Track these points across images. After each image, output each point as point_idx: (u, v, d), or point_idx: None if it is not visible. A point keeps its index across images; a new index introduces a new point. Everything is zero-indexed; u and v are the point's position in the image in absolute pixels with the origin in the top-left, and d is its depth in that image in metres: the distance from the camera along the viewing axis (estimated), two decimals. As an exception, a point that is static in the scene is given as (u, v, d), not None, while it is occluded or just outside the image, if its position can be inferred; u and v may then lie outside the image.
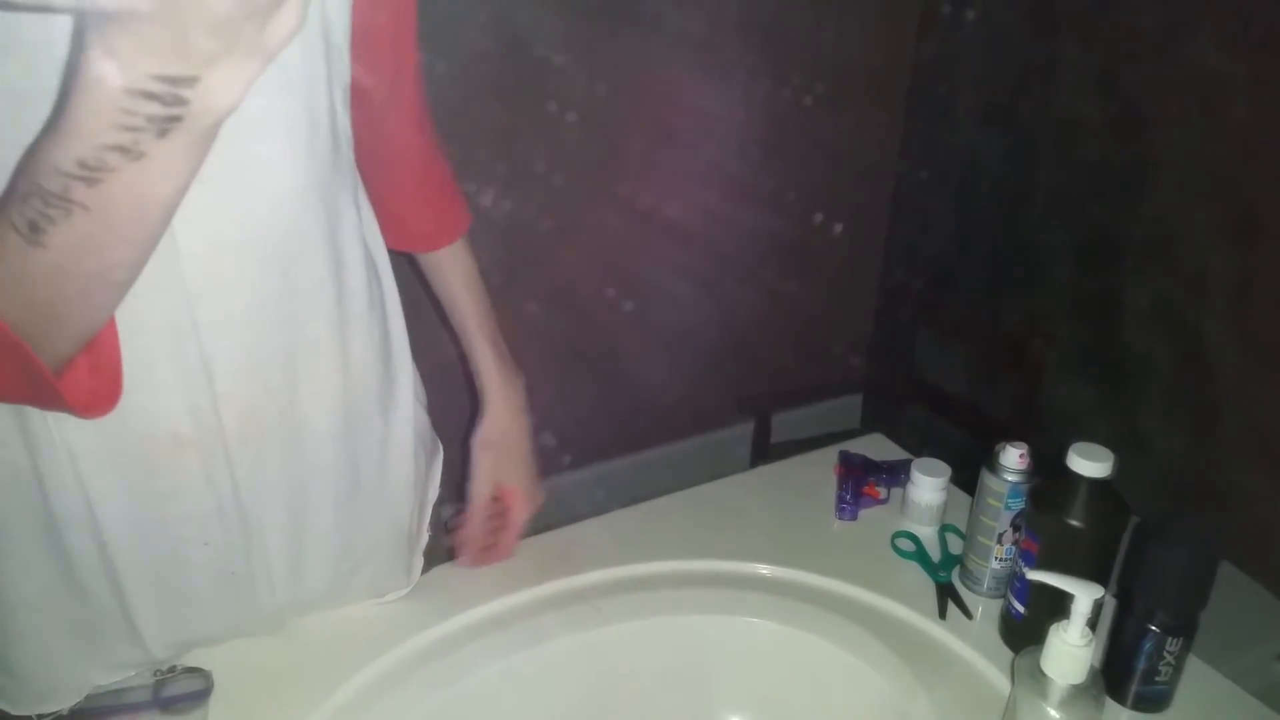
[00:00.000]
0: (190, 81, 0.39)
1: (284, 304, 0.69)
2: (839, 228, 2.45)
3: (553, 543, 0.94)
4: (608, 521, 0.97)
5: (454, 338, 0.94)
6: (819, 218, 2.42)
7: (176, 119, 0.40)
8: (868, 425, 2.61)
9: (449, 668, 0.80)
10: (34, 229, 0.43)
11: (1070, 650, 0.63)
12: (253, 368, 0.69)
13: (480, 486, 0.92)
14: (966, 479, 0.92)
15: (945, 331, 2.29)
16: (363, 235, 0.74)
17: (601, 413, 2.32)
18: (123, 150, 0.41)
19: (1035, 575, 0.68)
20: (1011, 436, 0.86)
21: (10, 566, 0.70)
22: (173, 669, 0.77)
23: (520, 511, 0.93)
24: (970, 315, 2.34)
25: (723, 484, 1.05)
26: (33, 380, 0.50)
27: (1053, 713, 0.64)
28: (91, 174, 0.41)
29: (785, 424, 2.17)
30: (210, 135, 0.43)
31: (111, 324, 0.55)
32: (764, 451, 2.06)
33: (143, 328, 0.61)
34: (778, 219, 2.38)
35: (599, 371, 2.27)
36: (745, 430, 2.11)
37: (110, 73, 0.39)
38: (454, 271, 0.92)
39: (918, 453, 1.04)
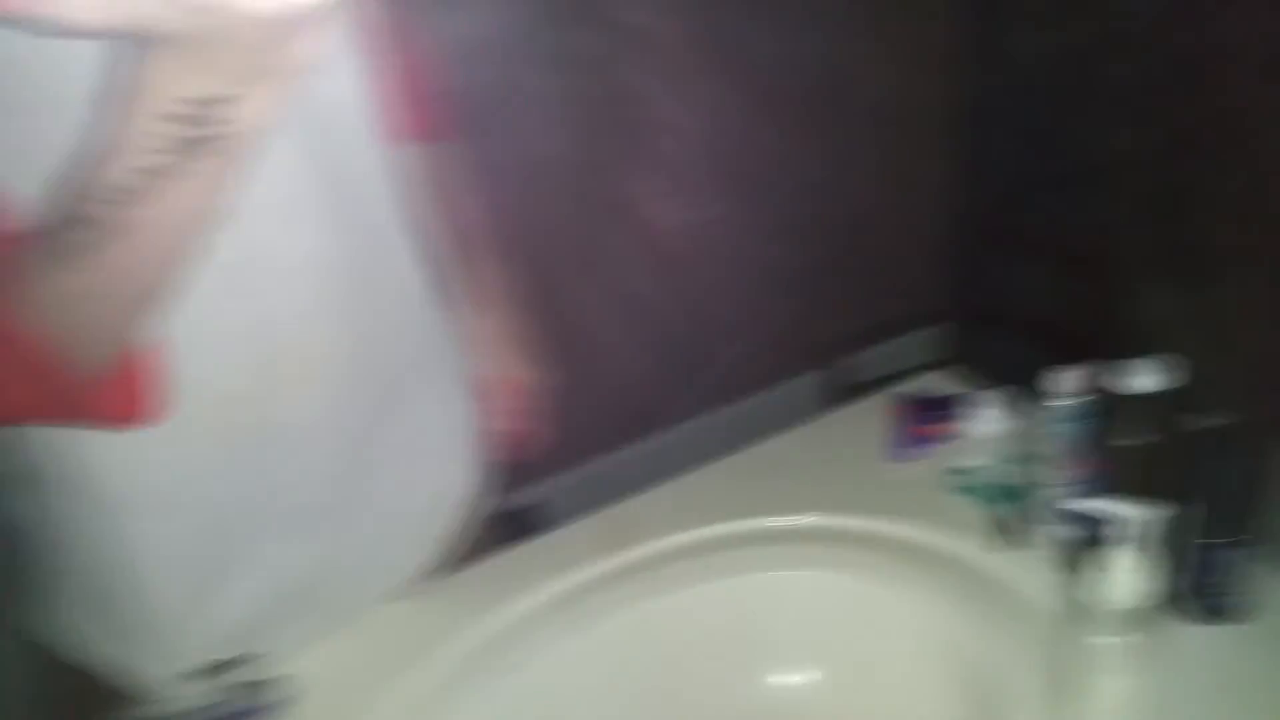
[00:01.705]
0: (223, 102, 0.40)
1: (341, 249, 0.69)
2: (902, 155, 2.37)
3: (606, 519, 0.95)
4: (660, 493, 0.97)
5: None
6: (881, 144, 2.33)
7: (208, 139, 0.41)
8: (950, 357, 2.55)
9: (511, 655, 0.82)
10: (70, 253, 0.44)
11: (1124, 576, 0.60)
12: (315, 313, 0.69)
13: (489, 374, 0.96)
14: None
15: (1021, 251, 2.21)
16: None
17: (655, 377, 2.29)
18: (162, 172, 0.41)
19: (1085, 503, 0.65)
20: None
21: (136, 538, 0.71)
22: (252, 683, 0.79)
23: (525, 395, 0.99)
24: (1045, 231, 2.25)
25: (782, 438, 1.04)
26: (66, 400, 0.52)
27: (1111, 639, 0.62)
28: (125, 198, 0.42)
29: (864, 363, 2.14)
30: (244, 155, 0.43)
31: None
32: (841, 394, 2.03)
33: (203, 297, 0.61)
34: (844, 162, 2.31)
35: (656, 333, 2.24)
36: (819, 376, 2.07)
37: (148, 95, 0.39)
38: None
39: (1002, 381, 1.01)
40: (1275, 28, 1.61)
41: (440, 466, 0.89)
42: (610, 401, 2.29)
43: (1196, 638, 0.73)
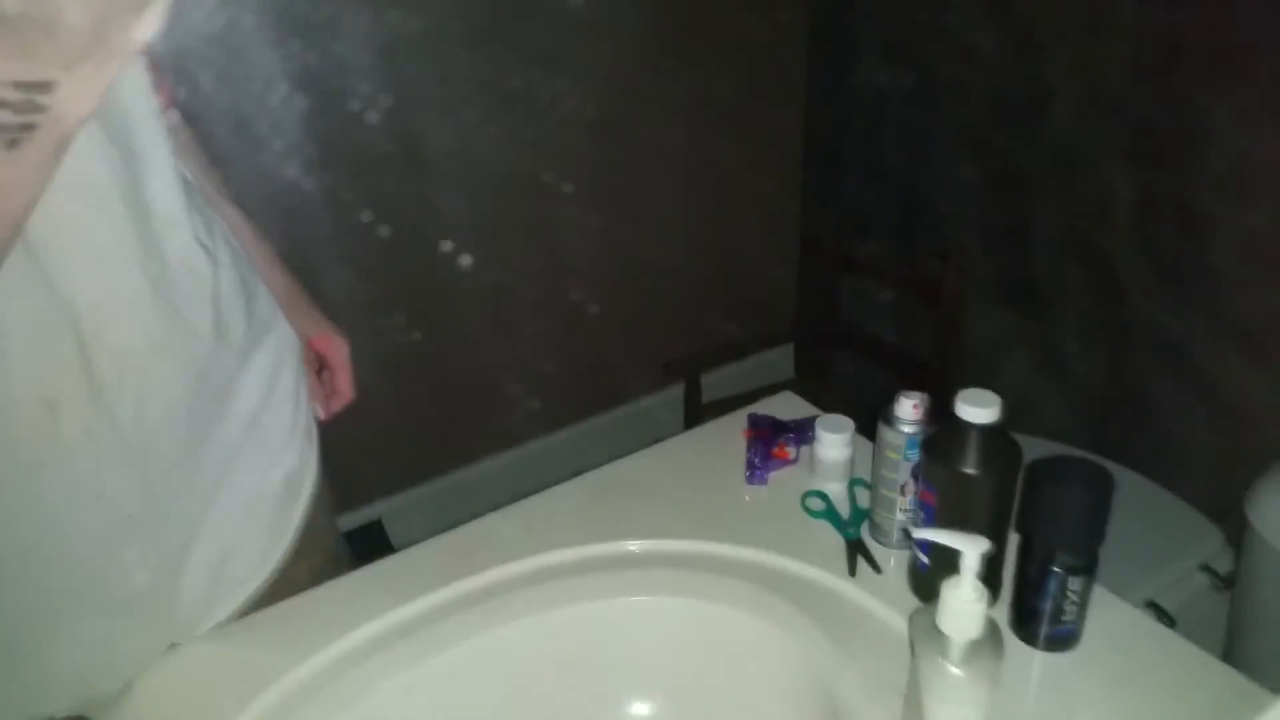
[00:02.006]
0: (48, 87, 0.36)
1: (132, 235, 0.65)
2: (754, 180, 2.43)
3: (454, 541, 0.91)
4: (510, 513, 0.94)
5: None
6: (732, 172, 2.39)
7: (30, 127, 0.37)
8: (801, 375, 2.62)
9: (350, 685, 0.77)
10: None
11: (963, 606, 0.61)
12: (116, 300, 0.65)
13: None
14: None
15: (866, 274, 2.29)
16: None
17: (521, 389, 2.28)
18: None
19: (920, 533, 0.67)
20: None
21: None
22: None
23: (337, 353, 1.01)
24: (888, 256, 2.34)
25: (635, 458, 1.02)
26: None
27: (953, 670, 0.63)
28: None
29: (719, 382, 2.16)
30: (67, 143, 0.40)
31: None
32: (697, 413, 2.05)
33: None
34: (692, 176, 2.35)
35: (516, 345, 2.23)
36: (677, 393, 2.09)
37: None
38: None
39: (849, 404, 1.03)
40: (1097, 68, 1.73)
41: (286, 447, 0.86)
42: (459, 413, 2.25)
43: (1037, 664, 0.75)
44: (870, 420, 0.95)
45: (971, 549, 0.61)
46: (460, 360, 2.14)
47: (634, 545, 0.89)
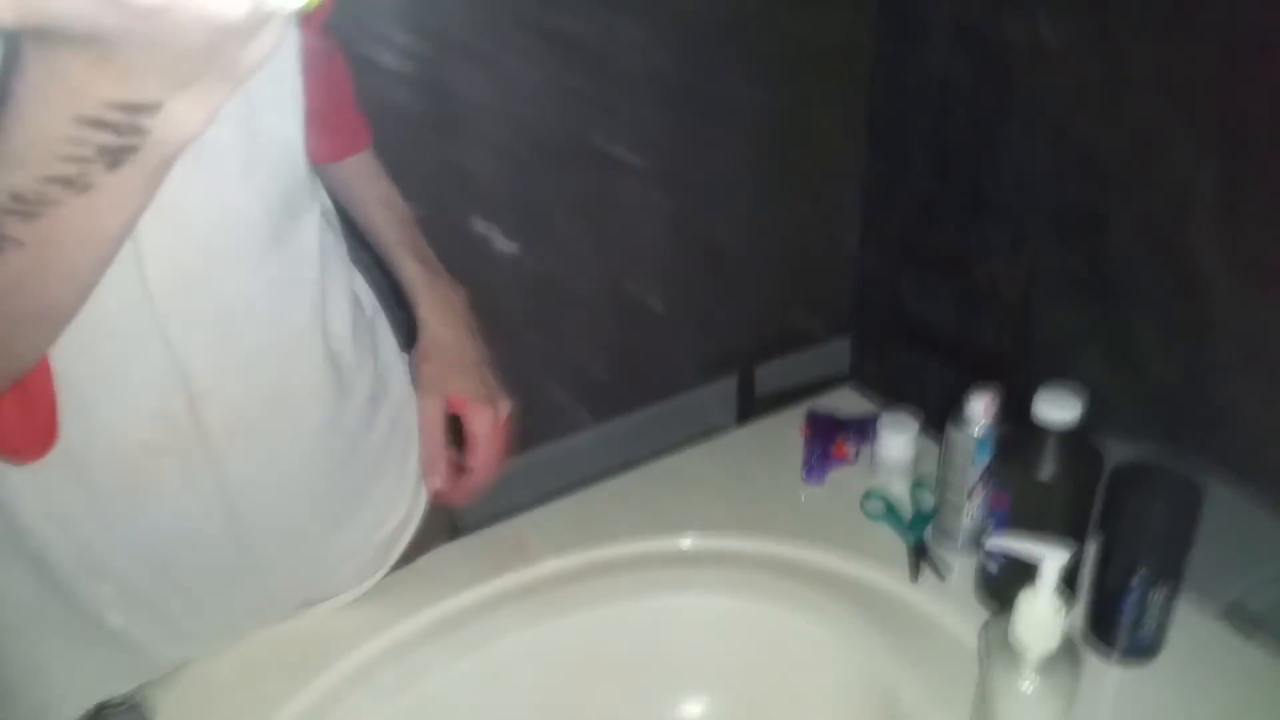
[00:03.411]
0: (152, 109, 0.35)
1: (256, 293, 0.64)
2: (814, 164, 2.37)
3: (505, 533, 0.90)
4: (562, 506, 0.92)
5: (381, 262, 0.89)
6: (793, 155, 2.32)
7: (132, 149, 0.36)
8: (856, 370, 2.56)
9: (399, 676, 0.76)
10: None
11: (1040, 618, 0.58)
12: (232, 362, 0.64)
13: (426, 402, 0.84)
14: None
15: (930, 267, 2.23)
16: (321, 201, 0.71)
17: (567, 381, 2.24)
18: (67, 183, 0.36)
19: (994, 543, 0.63)
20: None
21: None
22: (105, 705, 0.73)
23: (480, 421, 0.83)
24: (954, 248, 2.28)
25: (689, 453, 0.99)
26: None
27: (1027, 685, 0.59)
28: (29, 208, 0.37)
29: (773, 374, 2.12)
30: (168, 166, 0.38)
31: (44, 363, 0.52)
32: (749, 407, 2.02)
33: (101, 337, 0.57)
34: (762, 156, 2.29)
35: (561, 330, 2.18)
36: (729, 385, 2.06)
37: (57, 99, 0.34)
38: (364, 186, 0.87)
39: (912, 401, 0.98)
40: (1183, 55, 1.65)
41: (393, 509, 0.85)
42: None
43: (1113, 675, 0.72)
44: (931, 417, 0.91)
45: (1052, 558, 0.57)
46: (504, 344, 2.11)
47: (687, 542, 0.86)
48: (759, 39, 2.13)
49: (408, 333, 0.88)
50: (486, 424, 0.83)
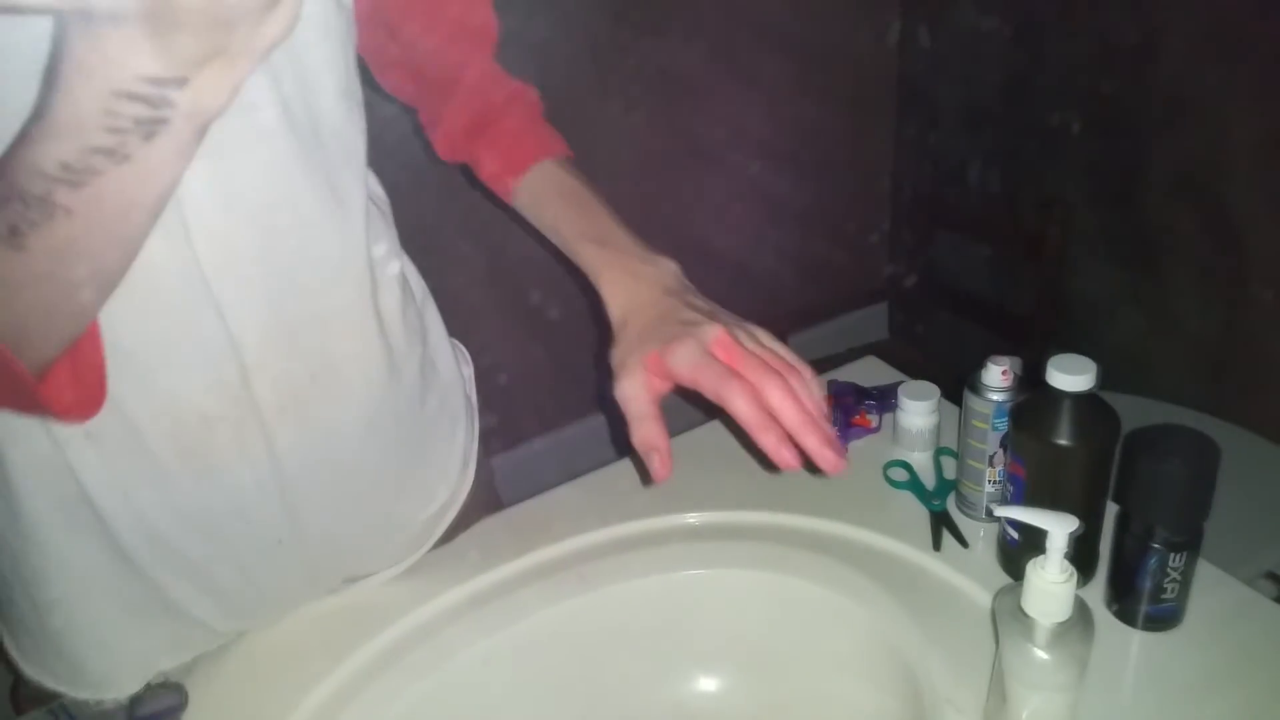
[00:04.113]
0: (178, 83, 0.39)
1: (306, 269, 0.66)
2: (844, 129, 2.34)
3: (531, 511, 0.91)
4: (584, 483, 0.93)
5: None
6: (822, 119, 2.30)
7: (163, 121, 0.40)
8: (896, 335, 2.54)
9: (429, 654, 0.78)
10: (14, 232, 0.43)
11: (1049, 588, 0.58)
12: (282, 335, 0.66)
13: (618, 385, 0.66)
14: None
15: (963, 227, 2.20)
16: (366, 184, 0.71)
17: (590, 351, 2.24)
18: (108, 153, 0.40)
19: (1004, 511, 0.63)
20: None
21: (55, 555, 0.70)
22: (147, 685, 0.76)
23: (680, 360, 0.62)
24: (987, 208, 2.25)
25: (710, 427, 1.00)
26: (12, 386, 0.50)
27: (1039, 653, 0.59)
28: (75, 176, 0.41)
29: (808, 343, 2.11)
30: (198, 137, 0.42)
31: (94, 326, 0.54)
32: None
33: (157, 310, 0.59)
34: (785, 123, 2.27)
35: (585, 302, 2.19)
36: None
37: (97, 73, 0.38)
38: (543, 191, 0.79)
39: (937, 368, 0.98)
40: (1215, 11, 1.60)
41: (439, 485, 0.86)
42: (541, 382, 2.24)
43: (1136, 643, 0.71)
44: (955, 387, 0.90)
45: (1059, 528, 0.57)
46: (521, 328, 2.11)
47: (708, 516, 0.87)
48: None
49: (452, 320, 0.89)
50: (688, 360, 0.62)
